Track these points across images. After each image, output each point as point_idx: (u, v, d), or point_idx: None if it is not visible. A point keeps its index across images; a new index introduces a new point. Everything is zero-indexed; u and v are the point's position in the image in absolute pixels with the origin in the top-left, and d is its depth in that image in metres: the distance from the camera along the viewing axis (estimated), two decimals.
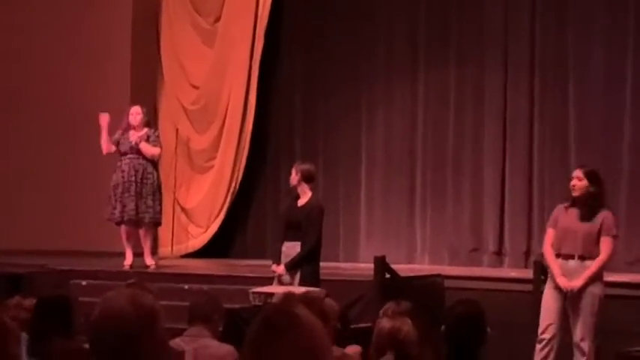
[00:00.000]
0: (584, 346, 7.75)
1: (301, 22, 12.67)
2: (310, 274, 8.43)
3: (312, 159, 10.11)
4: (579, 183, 7.86)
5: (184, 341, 5.67)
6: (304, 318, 2.72)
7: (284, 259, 8.54)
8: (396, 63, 12.17)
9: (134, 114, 10.67)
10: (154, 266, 10.83)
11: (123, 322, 2.75)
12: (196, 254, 12.63)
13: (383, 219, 12.16)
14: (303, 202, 8.66)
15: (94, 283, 9.94)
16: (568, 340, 7.83)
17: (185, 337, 5.79)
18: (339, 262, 11.59)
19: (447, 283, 9.52)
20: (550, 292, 7.87)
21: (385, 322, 4.33)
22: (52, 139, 12.82)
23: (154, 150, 10.62)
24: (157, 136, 10.80)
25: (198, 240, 12.74)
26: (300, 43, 12.68)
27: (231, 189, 12.64)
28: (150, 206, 10.57)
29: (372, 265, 9.17)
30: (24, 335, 4.92)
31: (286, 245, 8.58)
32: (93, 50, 12.73)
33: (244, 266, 11.15)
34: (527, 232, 11.44)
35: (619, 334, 8.04)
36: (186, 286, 9.73)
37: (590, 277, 7.75)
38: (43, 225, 12.54)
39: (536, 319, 7.89)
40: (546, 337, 7.81)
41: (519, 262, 11.34)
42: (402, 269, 9.74)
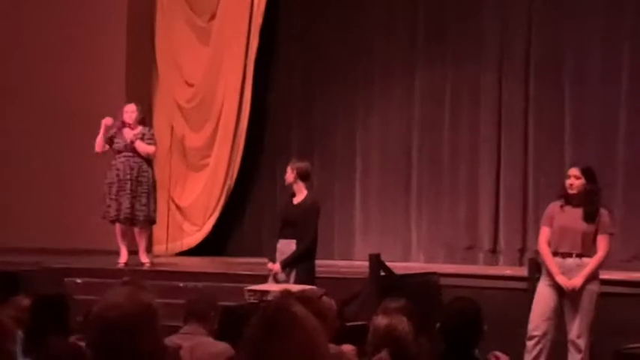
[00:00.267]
0: (580, 343, 7.78)
1: (297, 20, 12.67)
2: (306, 272, 8.45)
3: (307, 157, 10.12)
4: (577, 182, 7.88)
5: (180, 339, 5.68)
6: (302, 316, 2.73)
7: (279, 256, 8.56)
8: (392, 62, 12.17)
9: (129, 112, 10.69)
10: (149, 264, 10.85)
11: (121, 320, 2.76)
12: (191, 252, 12.63)
13: (378, 217, 12.17)
14: (298, 200, 8.68)
15: (89, 281, 9.96)
16: (559, 338, 7.86)
17: (181, 334, 5.80)
18: (334, 259, 11.59)
19: (443, 280, 9.54)
20: (545, 289, 7.89)
21: (381, 320, 4.34)
22: (47, 137, 12.82)
23: (149, 148, 10.64)
24: (151, 134, 10.82)
25: (193, 238, 12.74)
26: (296, 41, 12.69)
27: (226, 187, 12.64)
28: (145, 204, 10.60)
29: (367, 263, 9.18)
30: (19, 333, 4.92)
31: (281, 243, 8.59)
32: (88, 48, 12.72)
33: (239, 264, 11.15)
34: (522, 229, 11.46)
35: (614, 331, 8.06)
36: (182, 284, 9.75)
37: (589, 275, 7.79)
38: (38, 223, 12.53)
39: (529, 315, 7.92)
40: (538, 334, 7.83)
41: (514, 259, 11.36)
42: (398, 267, 9.74)
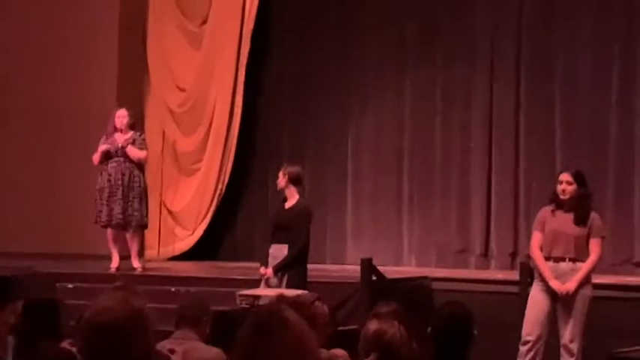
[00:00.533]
0: (573, 348, 7.79)
1: (289, 25, 12.68)
2: (298, 276, 8.45)
3: (299, 161, 10.13)
4: (569, 187, 7.90)
5: (172, 344, 5.68)
6: (293, 321, 2.73)
7: (271, 261, 8.56)
8: (384, 65, 12.18)
9: (120, 117, 10.69)
10: (140, 269, 10.83)
11: (113, 324, 2.76)
12: (183, 257, 12.62)
13: (370, 221, 12.18)
14: (290, 205, 8.68)
15: (80, 286, 9.93)
16: (552, 342, 7.87)
17: (173, 339, 5.80)
18: (325, 264, 11.59)
19: (434, 284, 9.55)
20: (538, 293, 7.90)
21: (372, 324, 4.34)
22: (39, 141, 12.80)
23: (140, 153, 10.64)
24: (143, 139, 10.82)
25: (185, 242, 12.74)
26: (288, 45, 12.69)
27: (218, 191, 12.64)
28: (137, 209, 10.61)
29: (358, 267, 9.19)
30: (10, 339, 4.93)
31: (273, 247, 8.59)
32: (79, 52, 12.71)
33: (231, 268, 11.14)
34: (514, 233, 11.48)
35: (606, 335, 8.08)
36: (173, 289, 9.74)
37: (583, 279, 7.81)
38: (30, 227, 12.51)
39: (522, 320, 7.92)
40: (531, 339, 7.84)
41: (506, 263, 11.37)
42: (389, 271, 9.76)
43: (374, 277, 9.08)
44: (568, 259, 7.85)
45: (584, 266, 7.83)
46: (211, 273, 11.00)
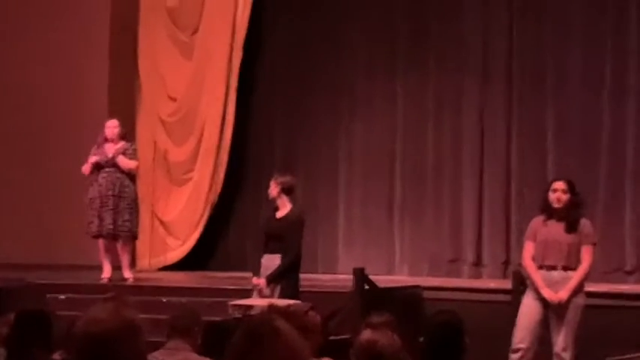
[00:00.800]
0: (565, 356, 7.81)
1: (280, 34, 12.69)
2: (290, 286, 8.45)
3: (290, 170, 10.14)
4: (564, 196, 7.92)
5: (164, 354, 5.67)
6: (285, 331, 2.75)
7: (263, 271, 8.56)
8: (375, 73, 12.20)
9: (111, 127, 10.70)
10: (132, 279, 10.83)
11: (104, 335, 2.77)
12: (175, 267, 12.60)
13: (362, 230, 12.19)
14: (282, 214, 8.68)
15: (72, 297, 9.91)
16: (544, 351, 7.89)
17: (164, 350, 5.80)
18: (317, 273, 11.59)
19: (426, 294, 9.55)
20: (531, 302, 7.92)
21: (365, 334, 4.36)
22: (29, 152, 12.80)
23: (131, 163, 10.65)
24: (134, 150, 10.83)
25: (176, 252, 12.72)
26: (279, 54, 12.70)
27: (210, 201, 12.64)
28: (127, 220, 10.60)
29: (351, 277, 9.19)
30: (2, 350, 4.93)
31: (266, 258, 8.59)
32: (70, 62, 12.72)
33: (223, 279, 11.13)
34: (506, 242, 11.49)
35: (598, 343, 8.09)
36: (165, 299, 9.73)
37: (575, 288, 7.83)
38: (21, 238, 12.50)
39: (514, 328, 7.94)
40: (523, 347, 7.86)
41: (498, 272, 11.38)
42: (382, 280, 9.76)
43: (366, 287, 9.08)
44: (560, 267, 7.87)
45: (575, 274, 7.85)
46: (203, 283, 11.01)
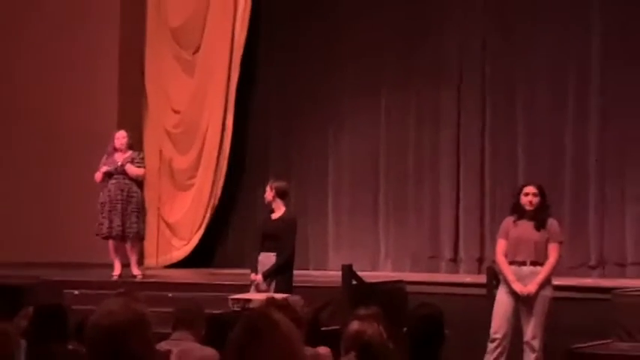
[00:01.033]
0: (534, 344, 7.80)
1: (274, 53, 12.68)
2: (285, 281, 8.43)
3: (284, 176, 10.11)
4: (535, 199, 7.94)
5: (170, 345, 5.65)
6: (281, 323, 2.73)
7: (260, 268, 8.54)
8: (361, 90, 12.19)
9: (119, 138, 10.69)
10: (140, 276, 10.80)
11: (115, 327, 2.75)
12: (180, 264, 12.59)
13: (349, 230, 12.18)
14: (277, 216, 8.67)
15: (85, 292, 9.87)
16: (516, 340, 7.88)
17: (170, 340, 5.77)
18: (309, 269, 11.58)
19: (409, 288, 9.53)
20: (504, 296, 7.91)
21: (354, 325, 4.35)
22: (46, 160, 12.78)
23: (138, 171, 10.64)
24: (141, 158, 10.81)
25: (181, 251, 12.71)
26: (274, 71, 12.70)
27: (211, 204, 12.63)
28: (134, 222, 10.59)
29: (340, 273, 9.17)
30: (22, 342, 4.89)
31: (262, 255, 8.58)
32: (84, 79, 12.72)
33: (224, 275, 11.11)
34: (480, 240, 11.49)
35: (565, 332, 8.09)
36: (170, 294, 9.68)
37: (543, 281, 7.82)
38: (38, 239, 12.47)
39: (489, 320, 7.93)
40: (498, 337, 7.85)
41: (473, 268, 11.39)
42: (368, 276, 9.73)
43: (354, 282, 9.06)
44: (529, 262, 7.87)
45: (543, 269, 7.85)
46: (205, 279, 10.98)
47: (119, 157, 10.59)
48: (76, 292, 10.04)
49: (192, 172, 12.76)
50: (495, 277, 8.23)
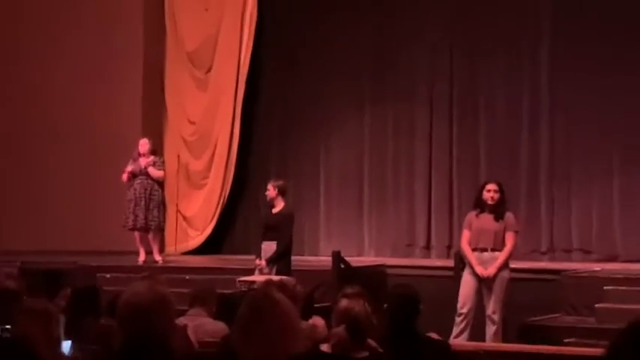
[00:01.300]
0: (495, 318, 7.82)
1: (275, 72, 12.66)
2: (284, 266, 8.42)
3: (283, 177, 10.11)
4: (496, 195, 7.94)
5: (187, 319, 5.66)
6: (280, 300, 2.75)
7: (263, 254, 8.53)
8: (347, 104, 12.17)
9: (143, 144, 10.70)
10: (161, 262, 10.80)
11: (142, 305, 2.77)
12: (195, 252, 12.57)
13: (338, 222, 12.17)
14: (277, 211, 8.66)
15: (116, 275, 9.86)
16: (479, 314, 7.89)
17: (187, 316, 5.78)
18: (304, 255, 11.57)
19: (388, 271, 9.54)
20: (468, 277, 7.93)
21: (342, 302, 4.35)
22: (81, 162, 12.75)
23: (159, 173, 10.64)
24: (162, 162, 10.81)
25: (196, 240, 12.69)
26: (274, 88, 12.67)
27: (221, 201, 12.62)
28: (156, 216, 10.61)
29: (330, 258, 9.17)
30: (62, 317, 4.90)
31: (265, 244, 8.57)
32: (114, 94, 12.71)
33: (232, 260, 11.09)
34: (449, 231, 11.49)
35: (520, 308, 8.10)
36: (187, 277, 9.69)
37: (501, 265, 7.84)
38: (74, 230, 12.45)
39: (457, 297, 7.94)
40: (464, 311, 7.87)
41: (443, 254, 11.38)
42: (354, 261, 9.74)
43: (342, 266, 9.07)
44: (489, 249, 7.89)
45: (501, 255, 7.86)
46: (216, 264, 10.97)
47: (143, 161, 10.58)
48: (108, 275, 10.03)
49: (205, 174, 12.75)
50: (461, 262, 8.23)
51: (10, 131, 13.08)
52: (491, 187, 7.98)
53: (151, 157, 10.65)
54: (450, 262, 9.08)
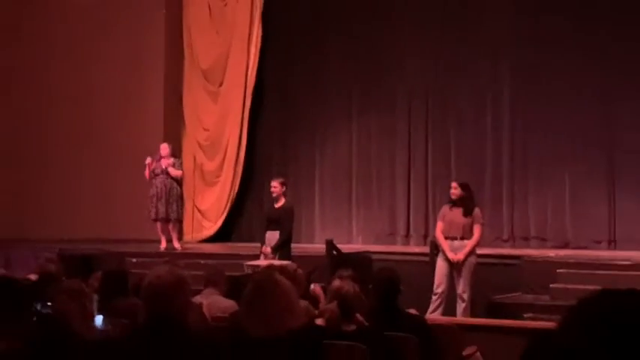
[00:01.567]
0: (464, 296, 7.84)
1: (276, 86, 12.67)
2: (286, 253, 8.42)
3: (284, 176, 10.11)
4: (455, 191, 7.99)
5: (201, 298, 5.66)
6: (280, 281, 2.75)
7: (267, 243, 8.52)
8: (338, 114, 12.17)
9: (164, 148, 10.69)
10: (180, 249, 10.79)
11: (164, 286, 2.76)
12: (209, 240, 12.57)
13: (330, 215, 12.17)
14: (279, 205, 8.65)
15: (141, 260, 9.84)
16: (451, 294, 7.91)
17: (202, 295, 5.78)
18: (302, 243, 11.56)
19: (373, 256, 9.53)
20: (441, 262, 7.95)
21: (335, 283, 4.35)
22: (111, 164, 12.74)
23: (177, 172, 10.63)
24: (180, 163, 10.81)
25: (209, 230, 12.68)
26: (276, 100, 12.68)
27: (232, 196, 12.61)
28: (175, 209, 10.60)
29: (324, 246, 9.17)
30: (95, 296, 4.89)
31: (268, 234, 8.56)
32: (139, 105, 12.71)
33: (240, 247, 11.09)
34: (425, 222, 11.50)
35: (486, 288, 8.12)
36: (202, 261, 9.69)
37: (469, 252, 7.86)
38: (104, 220, 12.43)
39: (432, 279, 7.96)
40: (439, 291, 7.89)
41: (420, 241, 11.39)
42: (344, 247, 9.73)
43: (334, 252, 9.07)
44: (459, 238, 7.91)
45: (469, 243, 7.89)
46: (227, 250, 10.97)
47: (164, 162, 10.58)
48: (134, 260, 10.01)
49: (217, 173, 12.74)
50: (436, 248, 8.25)
51: (51, 137, 13.08)
52: (453, 184, 8.08)
53: (171, 159, 10.65)
54: (426, 249, 9.09)
